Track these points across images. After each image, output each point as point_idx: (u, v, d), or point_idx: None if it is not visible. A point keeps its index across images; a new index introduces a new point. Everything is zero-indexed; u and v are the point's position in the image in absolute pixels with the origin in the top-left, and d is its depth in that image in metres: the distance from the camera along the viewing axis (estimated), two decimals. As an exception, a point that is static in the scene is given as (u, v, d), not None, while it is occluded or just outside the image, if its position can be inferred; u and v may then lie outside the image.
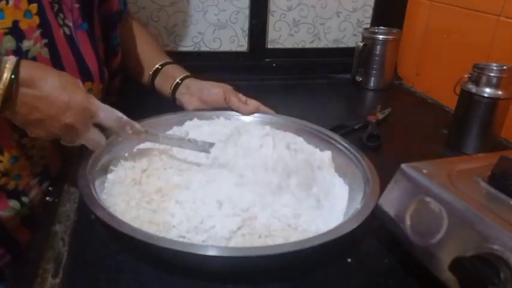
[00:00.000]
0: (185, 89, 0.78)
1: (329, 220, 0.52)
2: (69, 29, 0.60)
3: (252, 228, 0.48)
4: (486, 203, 0.42)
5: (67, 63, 0.60)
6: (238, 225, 0.48)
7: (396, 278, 0.47)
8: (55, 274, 0.45)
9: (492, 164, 0.45)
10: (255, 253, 0.43)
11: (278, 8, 1.09)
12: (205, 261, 0.43)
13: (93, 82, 0.65)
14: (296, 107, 0.85)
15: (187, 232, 0.47)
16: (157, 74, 0.81)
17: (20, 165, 0.59)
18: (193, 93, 0.77)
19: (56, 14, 0.58)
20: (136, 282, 0.45)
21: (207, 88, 0.76)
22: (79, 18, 0.63)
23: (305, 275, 0.47)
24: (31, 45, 0.55)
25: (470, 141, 0.76)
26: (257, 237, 0.47)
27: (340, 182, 0.61)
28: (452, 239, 0.41)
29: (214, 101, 0.75)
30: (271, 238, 0.48)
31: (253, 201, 0.50)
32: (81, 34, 0.63)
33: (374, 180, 0.54)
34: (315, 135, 0.68)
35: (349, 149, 0.63)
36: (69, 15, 0.60)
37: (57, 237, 0.50)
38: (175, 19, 1.04)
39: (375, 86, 1.10)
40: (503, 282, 0.35)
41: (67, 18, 0.60)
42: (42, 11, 0.56)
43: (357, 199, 0.54)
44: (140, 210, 0.51)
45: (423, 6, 1.07)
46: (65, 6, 0.60)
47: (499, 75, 0.71)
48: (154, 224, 0.49)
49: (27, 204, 0.62)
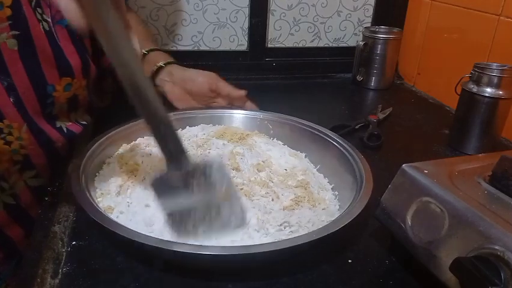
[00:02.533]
0: (168, 75, 0.73)
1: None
2: (47, 24, 0.60)
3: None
4: (487, 203, 0.41)
5: (43, 58, 0.59)
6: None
7: (397, 278, 0.47)
8: (54, 275, 0.44)
9: (493, 164, 0.45)
10: (249, 250, 0.42)
11: (278, 6, 1.09)
12: (202, 259, 0.43)
13: (73, 78, 0.63)
14: (296, 106, 0.85)
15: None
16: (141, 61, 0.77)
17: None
18: (175, 81, 0.73)
19: (34, 8, 0.58)
20: (136, 282, 0.45)
21: (191, 78, 0.73)
22: (59, 13, 0.61)
23: (305, 275, 0.47)
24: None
25: (471, 141, 0.76)
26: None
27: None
28: (453, 239, 0.41)
29: (199, 92, 0.72)
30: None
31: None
32: (60, 29, 0.62)
33: (367, 178, 0.54)
34: (311, 133, 0.67)
35: (344, 146, 0.62)
36: (47, 10, 0.60)
37: (56, 238, 0.50)
38: (174, 18, 1.04)
39: (376, 86, 1.09)
40: (504, 282, 0.35)
41: (45, 13, 0.60)
42: (17, 4, 0.55)
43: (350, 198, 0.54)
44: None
45: (424, 6, 1.06)
46: (42, 2, 0.59)
47: (500, 75, 0.71)
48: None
49: (7, 190, 0.61)
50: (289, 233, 0.48)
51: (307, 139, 0.67)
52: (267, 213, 0.50)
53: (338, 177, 0.60)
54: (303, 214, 0.51)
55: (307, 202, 0.54)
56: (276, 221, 0.49)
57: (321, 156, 0.64)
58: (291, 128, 0.69)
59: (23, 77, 0.58)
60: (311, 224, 0.50)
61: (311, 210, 0.53)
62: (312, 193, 0.56)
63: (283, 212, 0.51)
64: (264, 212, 0.50)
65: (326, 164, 0.63)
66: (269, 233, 0.48)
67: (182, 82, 0.73)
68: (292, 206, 0.53)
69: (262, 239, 0.47)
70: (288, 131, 0.69)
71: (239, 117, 0.73)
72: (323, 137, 0.65)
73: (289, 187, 0.56)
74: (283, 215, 0.50)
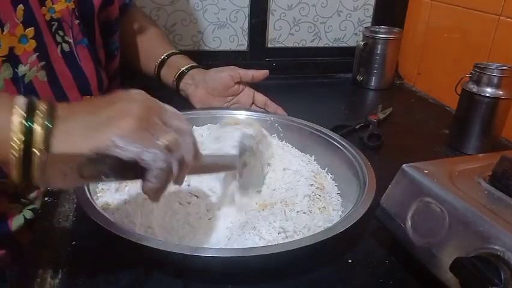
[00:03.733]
0: (191, 79, 0.75)
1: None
2: (68, 45, 0.60)
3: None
4: (487, 203, 0.41)
5: (63, 80, 0.59)
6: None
7: (397, 278, 0.47)
8: (54, 275, 0.44)
9: (493, 164, 0.45)
10: (250, 253, 0.42)
11: (278, 6, 1.09)
12: (203, 262, 0.43)
13: (92, 95, 0.64)
14: (296, 106, 0.85)
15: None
16: (163, 65, 0.78)
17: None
18: (198, 83, 0.74)
19: (54, 32, 0.58)
20: (136, 282, 0.45)
21: (212, 77, 0.74)
22: (79, 34, 0.62)
23: (305, 276, 0.47)
24: (27, 70, 0.54)
25: (471, 140, 0.76)
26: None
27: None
28: (453, 240, 0.41)
29: (223, 87, 0.73)
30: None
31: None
32: (81, 49, 0.62)
33: (370, 179, 0.54)
34: (313, 135, 0.68)
35: (348, 148, 0.62)
36: (69, 32, 0.60)
37: (56, 238, 0.50)
38: (174, 18, 1.04)
39: (376, 86, 1.09)
40: (504, 282, 0.35)
41: (67, 35, 0.60)
42: (39, 34, 0.55)
43: (354, 198, 0.54)
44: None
45: (424, 6, 1.06)
46: (65, 24, 0.59)
47: (500, 75, 0.71)
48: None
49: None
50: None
51: (314, 142, 0.67)
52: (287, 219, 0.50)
53: (344, 181, 0.60)
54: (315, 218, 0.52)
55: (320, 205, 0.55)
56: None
57: (328, 159, 0.65)
58: (299, 131, 0.69)
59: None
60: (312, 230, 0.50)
61: (322, 214, 0.53)
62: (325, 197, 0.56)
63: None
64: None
65: (334, 167, 0.63)
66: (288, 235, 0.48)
67: (204, 83, 0.74)
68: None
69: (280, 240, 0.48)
70: (296, 134, 0.69)
71: (248, 119, 0.73)
72: (330, 141, 0.65)
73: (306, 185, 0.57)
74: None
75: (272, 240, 0.47)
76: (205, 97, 0.74)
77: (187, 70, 0.76)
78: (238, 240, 0.48)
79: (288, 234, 0.48)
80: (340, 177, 0.61)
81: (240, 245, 0.47)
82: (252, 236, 0.47)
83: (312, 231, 0.49)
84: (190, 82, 0.75)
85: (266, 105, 0.77)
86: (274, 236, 0.47)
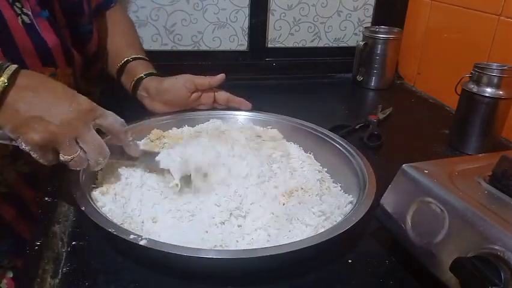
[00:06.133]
0: (145, 91, 0.73)
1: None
2: (28, 17, 0.60)
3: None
4: (487, 203, 0.41)
5: (24, 50, 0.59)
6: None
7: (397, 278, 0.47)
8: (54, 275, 0.44)
9: (493, 164, 0.45)
10: (250, 255, 0.43)
11: (278, 6, 1.09)
12: (204, 263, 0.43)
13: (57, 67, 0.64)
14: (296, 106, 0.85)
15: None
16: (123, 71, 0.76)
17: None
18: (153, 96, 0.72)
19: (12, 3, 0.58)
20: (136, 282, 0.45)
21: (166, 89, 0.72)
22: (37, 7, 0.62)
23: (305, 276, 0.47)
24: None
25: (471, 140, 0.76)
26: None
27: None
28: (453, 240, 0.41)
29: (179, 99, 0.71)
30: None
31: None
32: (42, 21, 0.62)
33: (370, 179, 0.54)
34: (312, 135, 0.68)
35: (348, 148, 0.62)
36: (26, 4, 0.60)
37: (56, 238, 0.50)
38: (174, 18, 1.04)
39: (376, 86, 1.09)
40: (504, 282, 0.35)
41: (25, 7, 0.60)
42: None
43: (353, 198, 0.54)
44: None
45: (424, 6, 1.06)
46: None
47: (500, 75, 0.71)
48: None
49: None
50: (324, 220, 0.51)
51: (314, 142, 0.67)
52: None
53: (344, 181, 0.60)
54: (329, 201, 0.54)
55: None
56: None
57: (326, 158, 0.65)
58: (298, 131, 0.69)
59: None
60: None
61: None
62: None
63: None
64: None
65: (334, 168, 0.63)
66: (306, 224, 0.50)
67: (158, 96, 0.72)
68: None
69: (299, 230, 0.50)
70: (296, 134, 0.70)
71: (248, 120, 0.73)
72: (329, 141, 0.66)
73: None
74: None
75: (317, 225, 0.50)
76: (162, 109, 0.73)
77: (140, 80, 0.74)
78: (282, 233, 0.49)
79: (327, 215, 0.51)
80: (340, 177, 0.61)
81: (287, 236, 0.49)
82: (299, 224, 0.50)
83: (341, 210, 0.52)
84: (144, 94, 0.73)
85: (229, 101, 0.75)
86: (318, 221, 0.50)
